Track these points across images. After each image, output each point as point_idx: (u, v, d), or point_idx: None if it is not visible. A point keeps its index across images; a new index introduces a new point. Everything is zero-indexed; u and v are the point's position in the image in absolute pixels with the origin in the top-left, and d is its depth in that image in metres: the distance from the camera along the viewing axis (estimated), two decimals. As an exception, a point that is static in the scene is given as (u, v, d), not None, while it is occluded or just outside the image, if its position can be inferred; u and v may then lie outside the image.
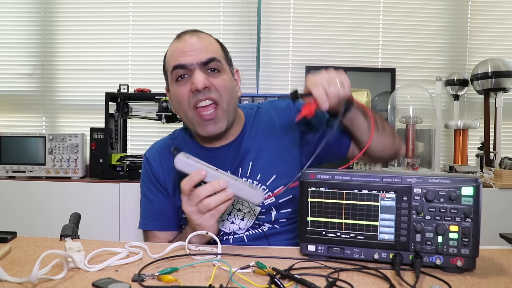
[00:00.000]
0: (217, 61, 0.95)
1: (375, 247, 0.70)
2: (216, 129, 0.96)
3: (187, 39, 0.96)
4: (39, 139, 2.14)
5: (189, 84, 0.94)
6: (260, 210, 1.00)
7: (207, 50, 0.95)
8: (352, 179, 0.72)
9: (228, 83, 0.97)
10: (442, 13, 2.59)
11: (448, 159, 2.57)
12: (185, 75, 0.95)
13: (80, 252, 0.69)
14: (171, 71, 0.96)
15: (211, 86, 0.94)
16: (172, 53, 0.97)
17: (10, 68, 2.58)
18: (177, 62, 0.94)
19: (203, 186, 0.80)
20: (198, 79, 0.91)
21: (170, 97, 1.03)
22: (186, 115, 0.97)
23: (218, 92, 0.94)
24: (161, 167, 1.05)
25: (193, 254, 0.75)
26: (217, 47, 1.00)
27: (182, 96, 0.95)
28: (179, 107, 0.98)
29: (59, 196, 2.04)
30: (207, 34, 1.01)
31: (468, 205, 0.66)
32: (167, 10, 2.55)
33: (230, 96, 0.97)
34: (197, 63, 0.93)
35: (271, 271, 0.63)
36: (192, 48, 0.94)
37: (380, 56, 2.59)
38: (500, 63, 2.20)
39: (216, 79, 0.95)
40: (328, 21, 2.57)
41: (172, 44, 1.00)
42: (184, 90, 0.94)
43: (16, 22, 2.57)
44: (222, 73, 0.97)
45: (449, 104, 2.58)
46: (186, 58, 0.93)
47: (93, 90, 2.53)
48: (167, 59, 1.01)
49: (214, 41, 1.01)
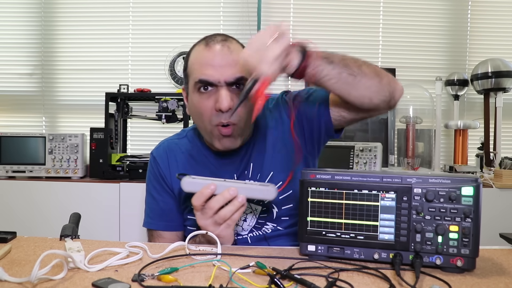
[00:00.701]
0: (244, 80, 0.89)
1: (375, 247, 0.70)
2: (232, 145, 0.95)
3: (216, 49, 0.90)
4: (39, 139, 2.14)
5: (213, 100, 0.90)
6: (261, 209, 1.00)
7: (236, 66, 0.88)
8: (352, 179, 0.72)
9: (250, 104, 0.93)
10: (442, 13, 2.59)
11: (448, 159, 2.57)
12: (209, 87, 0.91)
13: (80, 252, 0.69)
14: (195, 82, 0.92)
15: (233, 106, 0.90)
16: (198, 62, 0.92)
17: (10, 68, 2.58)
18: (203, 77, 0.90)
19: (215, 198, 0.80)
20: (224, 100, 0.88)
21: (188, 101, 1.00)
22: (205, 128, 0.95)
23: (239, 114, 0.91)
24: (168, 167, 1.04)
25: (193, 254, 0.75)
26: None
27: (204, 110, 0.92)
28: (198, 118, 0.96)
29: (59, 196, 2.04)
30: (237, 43, 0.96)
31: (468, 205, 0.66)
32: (167, 10, 2.55)
33: (248, 116, 0.93)
34: (224, 81, 0.89)
35: (271, 271, 0.63)
36: (221, 63, 0.89)
37: (380, 56, 2.59)
38: (500, 63, 2.20)
39: None
40: (328, 21, 2.57)
41: (198, 48, 0.94)
42: (207, 105, 0.91)
43: (16, 22, 2.57)
44: None
45: (449, 104, 2.58)
46: (214, 73, 0.89)
47: (93, 90, 2.53)
48: (191, 64, 0.95)
49: None
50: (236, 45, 0.95)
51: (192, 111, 0.98)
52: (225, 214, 0.80)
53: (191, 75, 0.95)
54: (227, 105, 0.88)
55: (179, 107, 2.15)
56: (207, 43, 0.92)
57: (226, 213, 0.80)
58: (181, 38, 2.48)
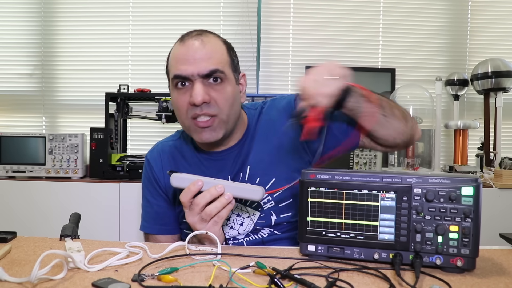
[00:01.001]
0: (219, 72, 0.91)
1: (375, 247, 0.70)
2: (212, 137, 0.93)
3: (190, 45, 0.91)
4: (39, 139, 2.14)
5: (188, 95, 0.91)
6: (259, 215, 0.99)
7: (210, 59, 0.90)
8: (352, 179, 0.72)
9: (230, 95, 0.93)
10: (442, 13, 2.60)
11: (448, 159, 2.57)
12: (186, 83, 0.92)
13: (80, 252, 0.69)
14: (172, 78, 0.93)
15: (211, 100, 0.91)
16: (174, 58, 0.93)
17: (10, 68, 2.58)
18: (178, 72, 0.91)
19: (201, 194, 0.80)
20: (197, 94, 0.88)
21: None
22: (183, 123, 0.96)
23: (218, 106, 0.91)
24: (161, 170, 1.04)
25: (193, 254, 0.75)
26: (222, 53, 0.94)
27: (181, 106, 0.93)
28: (177, 114, 0.97)
29: (59, 196, 2.04)
30: (213, 37, 0.95)
31: (468, 205, 0.66)
32: (167, 10, 2.55)
33: (231, 107, 0.94)
34: (197, 74, 0.89)
35: (271, 271, 0.63)
36: (195, 56, 0.90)
37: (380, 56, 2.59)
38: (500, 63, 2.19)
39: (217, 92, 0.91)
40: (328, 21, 2.57)
41: (175, 46, 0.96)
42: (184, 100, 0.92)
43: (16, 22, 2.57)
44: (224, 83, 0.93)
45: (449, 104, 2.58)
46: (187, 68, 0.89)
47: (93, 90, 2.53)
48: (169, 62, 0.97)
49: (220, 45, 0.95)
50: (212, 38, 0.95)
51: (173, 108, 1.00)
52: (211, 211, 0.79)
53: (169, 72, 0.96)
54: (200, 99, 0.88)
55: (179, 107, 2.15)
56: (182, 39, 0.94)
57: (212, 209, 0.79)
58: (181, 38, 2.48)
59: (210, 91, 0.91)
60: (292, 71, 2.55)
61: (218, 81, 0.92)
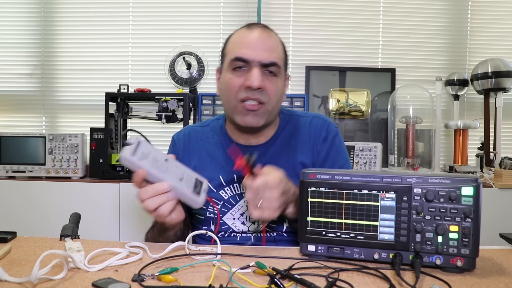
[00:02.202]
0: (277, 66, 0.97)
1: (375, 247, 0.70)
2: (254, 121, 0.97)
3: (256, 34, 0.97)
4: (39, 139, 2.14)
5: (243, 78, 0.95)
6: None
7: (272, 52, 0.96)
8: (352, 179, 0.72)
9: (280, 90, 0.99)
10: (442, 13, 2.59)
11: (448, 159, 2.57)
12: (243, 67, 0.96)
13: (80, 252, 0.69)
14: (231, 59, 0.96)
15: (264, 88, 0.95)
16: (238, 42, 0.98)
17: (10, 68, 2.58)
18: (240, 55, 0.95)
19: (144, 189, 0.79)
20: (255, 78, 0.93)
21: (219, 79, 1.04)
22: (229, 103, 0.98)
23: (269, 95, 0.96)
24: (183, 150, 1.08)
25: (193, 254, 0.75)
26: (281, 51, 1.01)
27: (233, 86, 0.96)
28: (225, 94, 0.99)
29: (59, 196, 2.04)
30: (275, 34, 1.02)
31: (468, 205, 0.66)
32: (167, 10, 2.55)
33: (278, 101, 0.99)
34: (258, 62, 0.94)
35: (271, 271, 0.63)
36: (258, 45, 0.95)
37: (380, 56, 2.59)
38: (500, 63, 2.19)
39: (271, 83, 0.96)
40: (328, 21, 2.57)
41: (240, 31, 1.01)
42: (238, 82, 0.95)
43: (16, 22, 2.57)
44: (277, 78, 0.98)
45: (449, 104, 2.58)
46: (250, 53, 0.94)
47: (93, 90, 2.53)
48: (230, 44, 1.01)
49: (280, 43, 1.02)
50: (274, 35, 1.02)
51: (221, 89, 1.02)
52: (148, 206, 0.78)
53: (227, 54, 1.00)
54: (258, 84, 0.92)
55: (179, 107, 2.15)
56: (249, 26, 1.00)
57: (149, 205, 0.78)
58: (181, 38, 2.48)
59: (265, 80, 0.95)
60: (292, 71, 2.55)
61: (272, 75, 0.97)
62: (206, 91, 2.44)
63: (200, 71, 2.32)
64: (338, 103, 2.51)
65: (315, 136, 1.05)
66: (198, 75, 2.33)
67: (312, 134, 1.06)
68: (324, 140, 1.05)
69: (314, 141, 1.05)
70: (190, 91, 2.31)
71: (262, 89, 0.95)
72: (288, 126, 1.08)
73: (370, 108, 2.50)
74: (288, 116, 1.10)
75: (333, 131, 1.07)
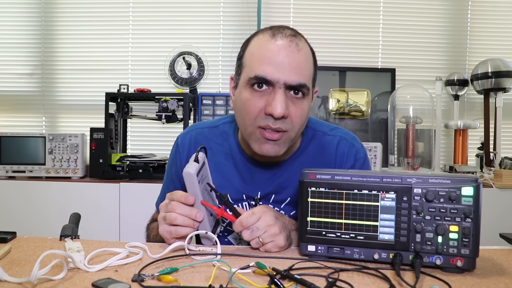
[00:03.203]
0: (305, 88, 0.82)
1: (375, 247, 0.70)
2: (274, 151, 0.85)
3: (283, 45, 0.81)
4: (39, 139, 2.14)
5: (264, 101, 0.81)
6: None
7: (301, 70, 0.81)
8: (352, 179, 0.72)
9: (305, 112, 0.86)
10: (442, 13, 2.60)
11: (448, 159, 2.57)
12: (264, 86, 0.82)
13: (80, 252, 0.69)
14: (250, 77, 0.82)
15: (288, 116, 0.82)
16: (259, 53, 0.82)
17: (10, 68, 2.58)
18: (262, 74, 0.80)
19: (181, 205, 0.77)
20: (279, 106, 0.79)
21: (235, 94, 0.90)
22: (245, 127, 0.86)
23: (292, 123, 0.83)
24: (186, 158, 0.98)
25: (192, 254, 0.75)
26: (311, 65, 0.86)
27: (252, 110, 0.82)
28: (241, 116, 0.86)
29: (59, 196, 2.04)
30: (305, 42, 0.86)
31: (468, 205, 0.66)
32: (167, 10, 2.55)
33: (302, 125, 0.87)
34: (284, 84, 0.80)
35: (271, 271, 0.63)
36: (285, 61, 0.80)
37: (380, 56, 2.59)
38: (500, 63, 2.20)
39: (295, 108, 0.83)
40: (328, 21, 2.57)
41: (262, 37, 0.84)
42: (257, 105, 0.82)
43: (16, 22, 2.57)
44: (304, 99, 0.84)
45: (449, 104, 2.58)
46: (275, 72, 0.80)
47: (93, 90, 2.53)
48: (249, 54, 0.85)
49: (310, 55, 0.87)
50: (305, 44, 0.86)
51: (237, 107, 0.88)
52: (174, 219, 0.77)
53: (246, 66, 0.85)
54: (281, 112, 0.79)
55: (179, 107, 2.16)
56: (274, 34, 0.83)
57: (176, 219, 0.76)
58: (181, 38, 2.48)
59: (290, 104, 0.82)
60: (292, 71, 2.55)
61: (299, 95, 0.83)
62: (206, 91, 2.44)
63: (200, 71, 2.32)
64: (338, 103, 2.51)
65: (341, 162, 0.96)
66: (198, 75, 2.33)
67: (338, 160, 0.96)
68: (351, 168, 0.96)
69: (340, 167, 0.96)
70: (190, 91, 2.31)
71: (286, 117, 0.81)
72: (312, 144, 0.97)
73: (370, 108, 2.50)
74: (312, 131, 0.99)
75: (361, 159, 0.98)
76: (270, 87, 0.82)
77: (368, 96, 2.50)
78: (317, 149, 0.97)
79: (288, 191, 0.95)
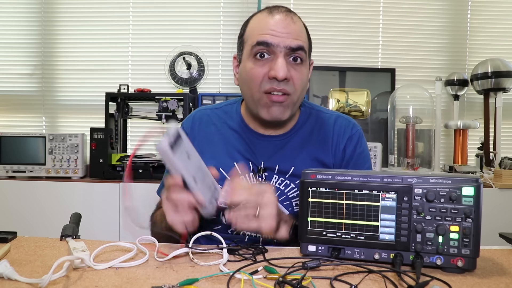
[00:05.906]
0: (303, 51, 0.90)
1: (376, 247, 0.70)
2: (280, 114, 0.92)
3: (280, 18, 0.90)
4: (39, 139, 2.14)
5: (267, 67, 0.89)
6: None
7: (297, 36, 0.89)
8: (352, 179, 0.72)
9: (305, 77, 0.94)
10: (442, 13, 2.60)
11: (448, 159, 2.57)
12: (266, 55, 0.89)
13: (85, 251, 0.69)
14: (253, 45, 0.90)
15: (290, 78, 0.89)
16: (259, 26, 0.91)
17: (10, 68, 2.58)
18: (264, 39, 0.88)
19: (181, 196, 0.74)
20: (280, 68, 0.87)
21: (239, 70, 0.97)
22: (252, 94, 0.93)
23: (294, 86, 0.90)
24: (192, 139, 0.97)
25: (196, 255, 0.74)
26: (305, 35, 0.94)
27: (255, 77, 0.90)
28: (247, 85, 0.93)
29: (59, 196, 2.04)
30: (299, 19, 0.95)
31: (468, 205, 0.66)
32: (167, 10, 2.55)
33: (302, 91, 0.94)
34: (284, 47, 0.88)
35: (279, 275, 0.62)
36: (283, 30, 0.88)
37: (380, 56, 2.59)
38: (500, 63, 2.20)
39: (296, 72, 0.91)
40: (328, 21, 2.57)
41: (260, 15, 0.94)
42: (260, 72, 0.89)
43: (16, 22, 2.57)
44: (303, 65, 0.92)
45: (449, 104, 2.58)
46: (275, 38, 0.88)
47: (93, 90, 2.53)
48: (250, 29, 0.94)
49: (304, 27, 0.95)
50: (299, 19, 0.94)
51: (242, 79, 0.96)
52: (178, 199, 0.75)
53: (248, 40, 0.93)
54: (284, 74, 0.87)
55: (179, 107, 2.16)
56: (271, 11, 0.92)
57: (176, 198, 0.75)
58: (181, 38, 2.48)
59: (290, 69, 0.89)
60: (292, 71, 2.55)
61: (298, 61, 0.91)
62: (206, 91, 2.44)
63: (200, 71, 2.32)
64: (338, 103, 2.51)
65: (339, 137, 1.01)
66: (198, 75, 2.33)
67: (336, 135, 1.01)
68: (348, 144, 1.01)
69: (337, 143, 1.01)
70: (190, 91, 2.31)
71: (288, 79, 0.89)
72: (310, 120, 1.03)
73: (370, 108, 2.50)
74: (308, 109, 1.05)
75: (357, 132, 1.02)
76: (271, 55, 0.89)
77: (368, 96, 2.50)
78: (315, 124, 1.03)
79: (290, 163, 0.99)
